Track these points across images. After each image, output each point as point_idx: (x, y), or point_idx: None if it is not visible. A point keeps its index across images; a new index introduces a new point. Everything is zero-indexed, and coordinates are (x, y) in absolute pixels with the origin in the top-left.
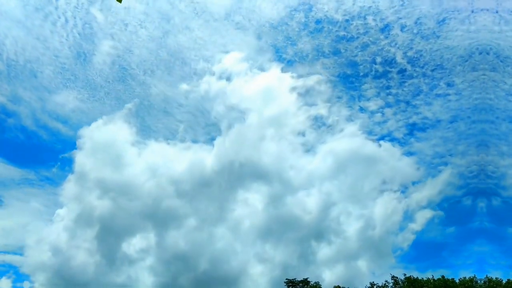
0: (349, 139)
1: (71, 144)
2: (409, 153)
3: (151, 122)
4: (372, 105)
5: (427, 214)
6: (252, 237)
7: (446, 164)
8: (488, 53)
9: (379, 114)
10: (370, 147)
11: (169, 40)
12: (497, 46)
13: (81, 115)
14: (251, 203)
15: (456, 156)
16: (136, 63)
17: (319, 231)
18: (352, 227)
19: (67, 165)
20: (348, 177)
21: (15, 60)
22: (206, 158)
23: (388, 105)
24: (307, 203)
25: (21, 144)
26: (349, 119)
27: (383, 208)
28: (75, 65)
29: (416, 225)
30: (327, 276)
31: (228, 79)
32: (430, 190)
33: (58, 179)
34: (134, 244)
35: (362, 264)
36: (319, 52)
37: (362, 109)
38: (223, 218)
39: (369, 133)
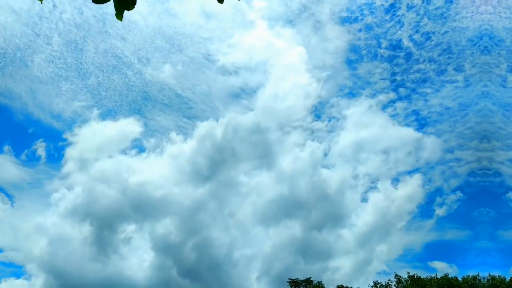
0: (352, 128)
1: (66, 139)
2: (415, 143)
3: (148, 112)
4: (377, 93)
5: (446, 201)
6: (257, 225)
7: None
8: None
9: (383, 102)
10: (378, 134)
11: (164, 26)
12: (491, 27)
13: (75, 107)
14: (256, 189)
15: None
16: (130, 51)
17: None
18: (365, 215)
19: (61, 159)
20: (358, 164)
21: (4, 48)
22: (210, 141)
23: (396, 92)
24: (315, 190)
25: (19, 141)
26: (353, 106)
27: (401, 195)
28: (67, 52)
29: (437, 211)
30: (340, 266)
31: (228, 63)
32: (449, 177)
33: (54, 175)
34: (132, 238)
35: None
36: (321, 35)
37: (365, 96)
38: (226, 206)
39: (375, 119)
